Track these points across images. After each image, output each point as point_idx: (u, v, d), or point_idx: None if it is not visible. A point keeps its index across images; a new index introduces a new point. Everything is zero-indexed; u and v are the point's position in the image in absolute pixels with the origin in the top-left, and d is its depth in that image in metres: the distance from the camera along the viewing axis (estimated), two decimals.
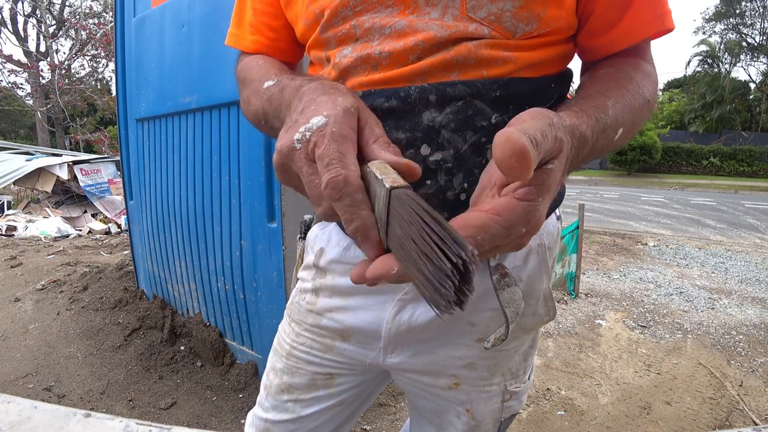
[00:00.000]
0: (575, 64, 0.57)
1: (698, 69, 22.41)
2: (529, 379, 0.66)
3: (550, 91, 0.50)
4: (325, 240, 0.62)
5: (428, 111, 0.47)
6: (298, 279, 0.67)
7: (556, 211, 0.61)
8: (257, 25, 0.62)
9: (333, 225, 0.63)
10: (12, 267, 3.43)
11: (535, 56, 0.48)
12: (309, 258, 0.64)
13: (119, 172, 6.19)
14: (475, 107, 0.46)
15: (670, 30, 0.50)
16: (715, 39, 22.06)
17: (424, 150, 0.48)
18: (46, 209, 5.99)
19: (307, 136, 0.35)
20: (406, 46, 0.46)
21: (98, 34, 11.10)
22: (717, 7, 21.88)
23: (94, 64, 12.51)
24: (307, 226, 0.69)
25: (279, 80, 0.49)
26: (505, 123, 0.46)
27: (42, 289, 2.88)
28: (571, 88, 0.56)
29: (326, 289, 0.61)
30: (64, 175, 5.90)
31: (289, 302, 0.68)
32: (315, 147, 0.34)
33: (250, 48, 0.64)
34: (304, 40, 0.56)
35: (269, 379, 0.68)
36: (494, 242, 0.31)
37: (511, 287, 0.52)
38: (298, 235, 0.70)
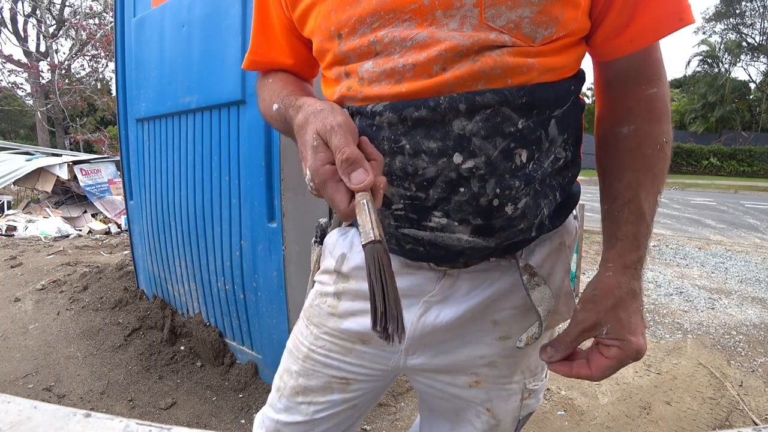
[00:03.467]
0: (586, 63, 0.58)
1: (698, 69, 22.44)
2: (545, 377, 0.66)
3: (568, 93, 0.51)
4: (347, 246, 0.63)
5: (458, 120, 0.47)
6: (315, 282, 0.68)
7: (574, 211, 0.62)
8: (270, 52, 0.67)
9: (354, 231, 0.64)
10: (12, 267, 3.43)
11: (554, 61, 0.48)
12: (329, 263, 0.65)
13: (119, 172, 6.19)
14: (502, 114, 0.47)
15: (690, 24, 0.50)
16: (715, 39, 22.09)
17: (457, 158, 0.48)
18: (46, 209, 5.98)
19: (312, 187, 0.44)
20: (429, 57, 0.46)
21: (98, 34, 11.09)
22: (717, 7, 21.89)
23: (94, 64, 12.50)
24: (323, 231, 0.70)
25: (279, 107, 0.56)
26: (530, 128, 0.48)
27: (42, 289, 2.88)
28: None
29: (349, 293, 0.62)
30: (64, 175, 5.90)
31: (306, 305, 0.69)
32: (321, 194, 0.45)
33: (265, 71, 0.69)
34: (320, 57, 0.56)
35: (283, 381, 0.69)
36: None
37: (541, 286, 0.53)
38: (314, 239, 0.71)
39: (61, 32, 12.39)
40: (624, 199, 0.53)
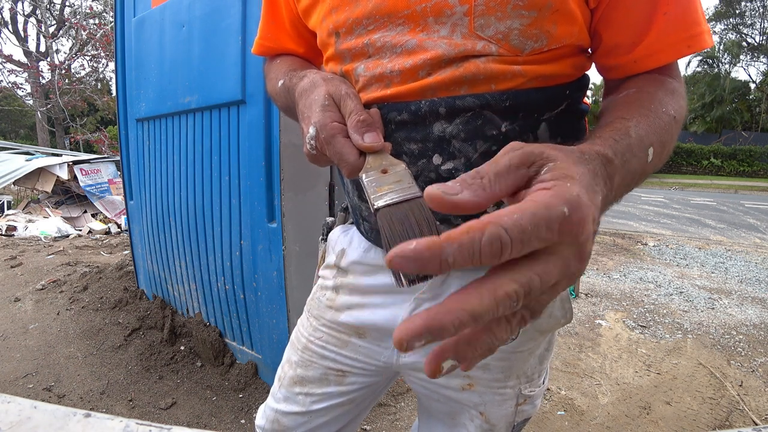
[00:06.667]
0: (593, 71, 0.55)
1: (698, 69, 22.44)
2: (543, 383, 0.65)
3: (562, 98, 0.50)
4: (347, 242, 0.64)
5: (439, 122, 0.48)
6: (319, 277, 0.70)
7: None
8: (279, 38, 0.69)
9: (354, 228, 0.65)
10: (12, 267, 3.43)
11: (545, 69, 0.47)
12: (330, 258, 0.67)
13: (119, 172, 6.19)
14: (484, 117, 0.47)
15: (703, 48, 0.47)
16: (715, 39, 22.06)
17: (436, 159, 0.49)
18: (46, 209, 5.98)
19: (313, 144, 0.46)
20: (415, 64, 0.47)
21: (98, 34, 11.09)
22: (717, 7, 21.92)
23: (94, 64, 12.51)
24: (329, 229, 0.72)
25: (284, 82, 0.57)
26: (515, 131, 0.48)
27: (42, 289, 2.88)
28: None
29: (346, 287, 0.63)
30: (64, 175, 5.90)
31: (309, 298, 0.71)
32: (324, 150, 0.46)
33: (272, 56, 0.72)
34: (323, 49, 0.58)
35: (284, 370, 0.71)
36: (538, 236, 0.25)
37: None
38: (320, 237, 0.73)
39: (61, 32, 12.39)
40: (604, 121, 0.42)
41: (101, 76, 13.39)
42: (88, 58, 12.29)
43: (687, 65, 22.92)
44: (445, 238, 0.24)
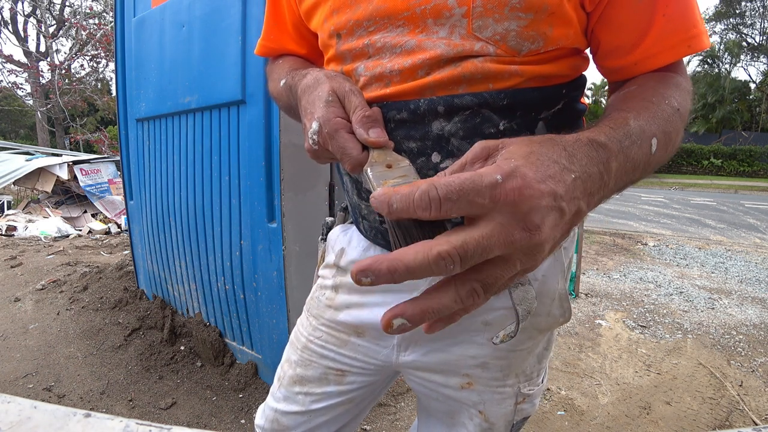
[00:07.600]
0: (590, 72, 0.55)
1: (698, 69, 22.43)
2: (542, 382, 0.66)
3: (559, 97, 0.50)
4: (347, 241, 0.65)
5: (437, 121, 0.48)
6: (318, 276, 0.70)
7: None
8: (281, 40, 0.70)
9: (354, 228, 0.66)
10: (12, 267, 3.43)
11: (542, 69, 0.48)
12: (330, 257, 0.67)
13: (119, 172, 6.19)
14: (482, 115, 0.47)
15: (703, 49, 0.48)
16: (715, 39, 22.07)
17: (435, 157, 0.49)
18: (46, 209, 5.98)
19: (316, 139, 0.47)
20: (414, 63, 0.48)
21: (98, 34, 11.09)
22: (717, 7, 21.91)
23: (94, 64, 12.51)
24: (329, 228, 0.73)
25: (286, 80, 0.58)
26: (512, 129, 0.48)
27: (42, 289, 2.88)
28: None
29: (346, 287, 0.64)
30: (64, 175, 5.90)
31: (308, 297, 0.71)
32: (326, 145, 0.46)
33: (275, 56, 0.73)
34: (324, 50, 0.59)
35: (283, 370, 0.71)
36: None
37: (524, 285, 0.52)
38: (320, 237, 0.74)
39: (61, 32, 12.39)
40: (604, 115, 0.43)
41: (101, 76, 13.41)
42: (88, 58, 12.29)
43: (687, 65, 22.86)
44: (394, 189, 0.29)
